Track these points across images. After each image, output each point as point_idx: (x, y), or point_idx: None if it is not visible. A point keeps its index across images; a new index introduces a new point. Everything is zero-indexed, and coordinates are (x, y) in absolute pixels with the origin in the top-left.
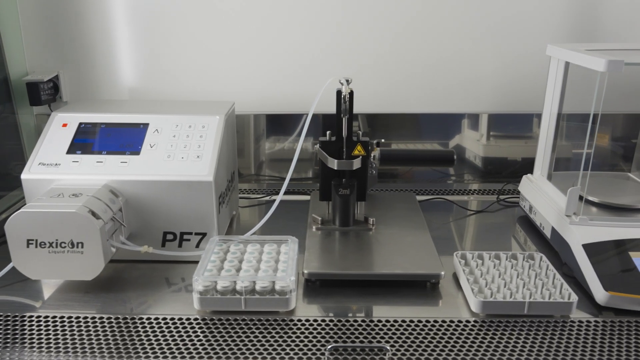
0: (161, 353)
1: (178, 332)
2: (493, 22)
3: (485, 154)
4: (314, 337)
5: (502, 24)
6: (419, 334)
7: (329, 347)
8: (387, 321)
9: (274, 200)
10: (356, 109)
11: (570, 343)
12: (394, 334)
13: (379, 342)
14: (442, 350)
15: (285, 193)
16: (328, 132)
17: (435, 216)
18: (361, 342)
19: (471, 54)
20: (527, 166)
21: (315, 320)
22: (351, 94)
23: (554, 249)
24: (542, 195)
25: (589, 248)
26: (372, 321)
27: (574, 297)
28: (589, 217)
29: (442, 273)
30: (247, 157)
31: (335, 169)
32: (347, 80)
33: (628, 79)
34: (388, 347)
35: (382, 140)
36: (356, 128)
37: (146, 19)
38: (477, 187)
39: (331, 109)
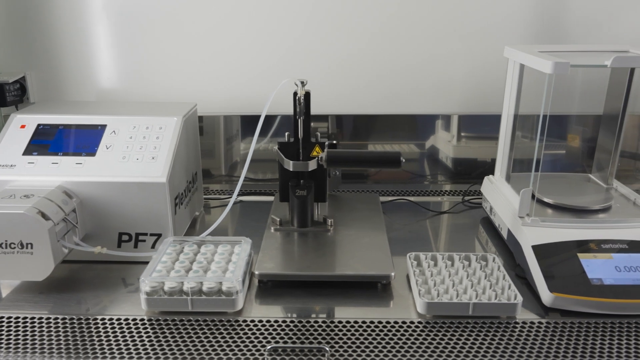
0: (110, 353)
1: (130, 332)
2: (462, 25)
3: (455, 155)
4: (256, 337)
5: (472, 27)
6: (360, 334)
7: (269, 347)
8: (332, 322)
9: (240, 201)
10: (327, 111)
11: (510, 343)
12: (336, 334)
13: (319, 342)
14: (380, 352)
15: (252, 194)
16: (287, 134)
17: (399, 217)
18: (302, 342)
19: (442, 57)
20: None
21: (260, 321)
22: (307, 95)
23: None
24: (500, 197)
25: (538, 249)
26: (316, 322)
27: (519, 299)
28: (540, 219)
29: (392, 274)
30: (217, 157)
31: (291, 170)
32: (302, 82)
33: (602, 81)
34: (327, 348)
35: (334, 141)
36: (324, 129)
37: (117, 20)
38: (449, 188)
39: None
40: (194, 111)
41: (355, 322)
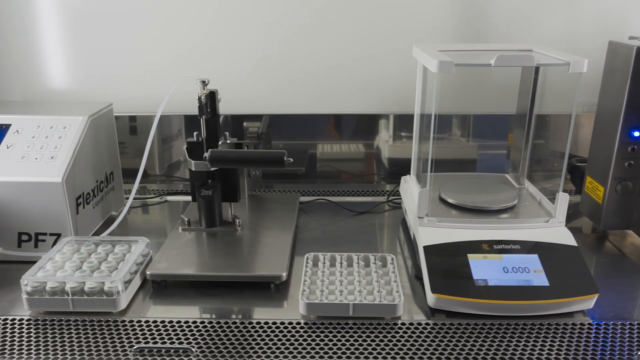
0: None
1: (12, 332)
2: (395, 24)
3: (391, 155)
4: (128, 338)
5: (404, 26)
6: (234, 335)
7: (134, 347)
8: (209, 322)
9: (165, 200)
10: (259, 110)
11: (389, 345)
12: (209, 334)
13: (189, 343)
14: (255, 352)
15: (176, 194)
16: (195, 133)
17: (320, 218)
18: (172, 343)
19: (376, 56)
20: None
21: (138, 322)
22: (212, 94)
23: None
24: (411, 197)
25: (428, 249)
26: (194, 322)
27: (400, 300)
28: (437, 219)
29: (283, 274)
30: (152, 157)
31: (193, 169)
32: (204, 81)
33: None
34: (194, 349)
35: (258, 141)
36: (255, 129)
37: (60, 20)
38: (389, 187)
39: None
40: (107, 111)
41: (234, 322)
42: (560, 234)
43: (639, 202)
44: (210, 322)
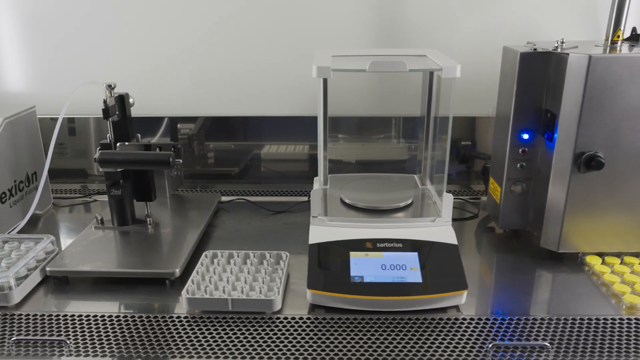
0: None
1: None
2: (317, 30)
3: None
4: (12, 330)
5: (326, 31)
6: (120, 327)
7: (12, 339)
8: (94, 316)
9: (95, 200)
10: (194, 113)
11: (264, 337)
12: (88, 327)
13: (67, 335)
14: (134, 345)
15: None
16: (108, 135)
17: (238, 217)
18: (51, 335)
19: (296, 60)
20: None
21: (27, 316)
22: (121, 98)
23: None
24: None
25: (313, 248)
26: (80, 316)
27: (277, 295)
28: (328, 219)
29: (177, 271)
30: (89, 158)
31: (100, 170)
32: (110, 86)
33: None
34: (68, 341)
35: (178, 144)
36: (187, 130)
37: (15, 24)
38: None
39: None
40: (27, 113)
41: (117, 316)
42: (443, 233)
43: (534, 202)
44: (102, 316)
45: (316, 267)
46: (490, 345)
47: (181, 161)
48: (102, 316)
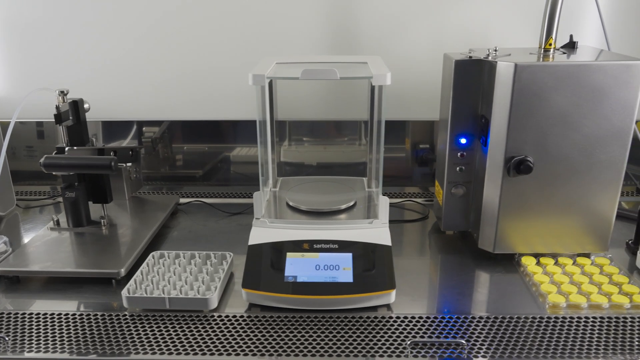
0: None
1: None
2: (270, 34)
3: (285, 159)
4: None
5: (280, 36)
6: (59, 325)
7: None
8: (37, 314)
9: (58, 202)
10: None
11: (202, 335)
12: (29, 325)
13: (6, 332)
14: (61, 341)
15: None
16: (63, 139)
17: (195, 219)
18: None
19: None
20: None
21: None
22: (74, 103)
23: None
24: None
25: (252, 248)
26: (16, 314)
27: (211, 294)
28: (269, 220)
29: (122, 271)
30: None
31: (46, 172)
32: (62, 92)
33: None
34: (7, 337)
35: (140, 147)
36: (151, 134)
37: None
38: None
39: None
40: None
41: (59, 314)
42: (378, 235)
43: (474, 204)
44: (44, 314)
45: (252, 267)
46: (408, 342)
47: (131, 164)
48: (45, 314)
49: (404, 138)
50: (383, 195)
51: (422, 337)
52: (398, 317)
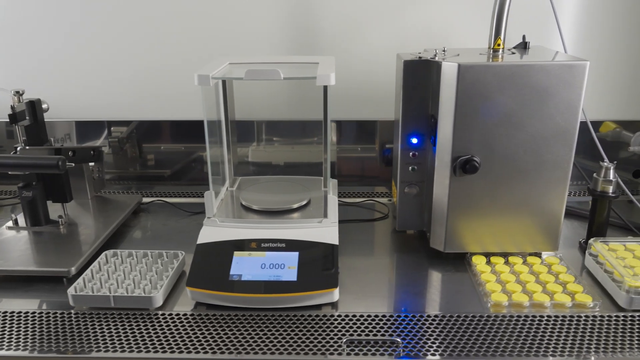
0: None
1: None
2: (230, 33)
3: (253, 159)
4: None
5: (241, 35)
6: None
7: None
8: None
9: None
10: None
11: (149, 332)
12: None
13: None
14: (9, 340)
15: None
16: (23, 139)
17: (158, 218)
18: None
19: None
20: None
21: None
22: (32, 103)
23: None
24: None
25: (200, 247)
26: None
27: (155, 293)
28: (220, 219)
29: (72, 269)
30: None
31: (9, 173)
32: (18, 92)
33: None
34: None
35: (102, 147)
36: (118, 134)
37: None
38: None
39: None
40: None
41: (11, 313)
42: (326, 234)
43: (427, 204)
44: None
45: (198, 266)
46: (344, 340)
47: (94, 164)
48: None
49: (374, 138)
50: (338, 195)
51: (359, 335)
52: (339, 316)
